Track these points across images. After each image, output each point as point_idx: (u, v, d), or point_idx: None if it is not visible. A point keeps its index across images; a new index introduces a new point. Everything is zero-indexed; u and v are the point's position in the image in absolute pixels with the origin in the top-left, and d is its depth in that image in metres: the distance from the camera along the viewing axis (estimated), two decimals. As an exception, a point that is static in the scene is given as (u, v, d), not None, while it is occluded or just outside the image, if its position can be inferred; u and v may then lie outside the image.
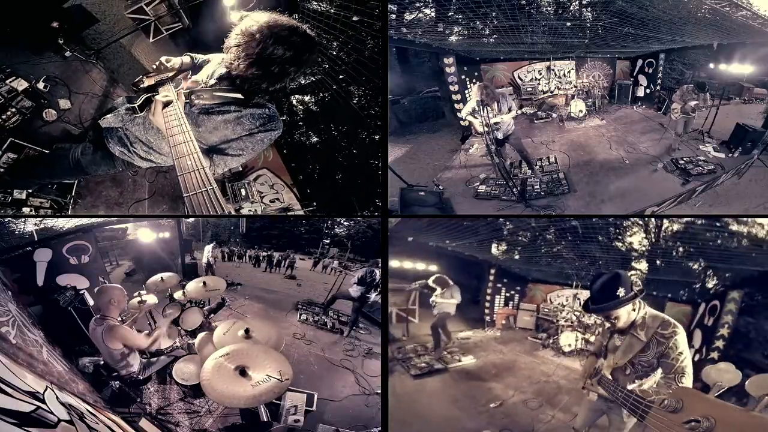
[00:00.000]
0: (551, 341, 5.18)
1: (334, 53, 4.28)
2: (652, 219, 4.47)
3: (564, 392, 3.91)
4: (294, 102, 4.57)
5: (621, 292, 1.97)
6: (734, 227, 4.00)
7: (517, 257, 5.76)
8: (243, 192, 3.96)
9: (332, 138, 4.46)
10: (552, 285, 6.05)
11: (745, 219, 3.90)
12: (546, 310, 5.74)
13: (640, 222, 4.69)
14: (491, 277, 6.28)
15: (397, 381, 4.09)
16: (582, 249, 4.98)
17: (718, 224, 4.02)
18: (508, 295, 6.29)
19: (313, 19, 4.11)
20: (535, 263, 5.80)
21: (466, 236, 5.15)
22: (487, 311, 6.27)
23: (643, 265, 4.98)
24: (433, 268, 5.57)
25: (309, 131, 4.57)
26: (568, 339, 4.97)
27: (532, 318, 5.85)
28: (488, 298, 6.30)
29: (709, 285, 4.25)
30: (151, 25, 3.95)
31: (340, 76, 4.18)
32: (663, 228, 4.62)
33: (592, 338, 4.71)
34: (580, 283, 5.47)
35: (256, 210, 3.95)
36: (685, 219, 4.22)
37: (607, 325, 2.18)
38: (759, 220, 3.84)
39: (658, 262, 4.74)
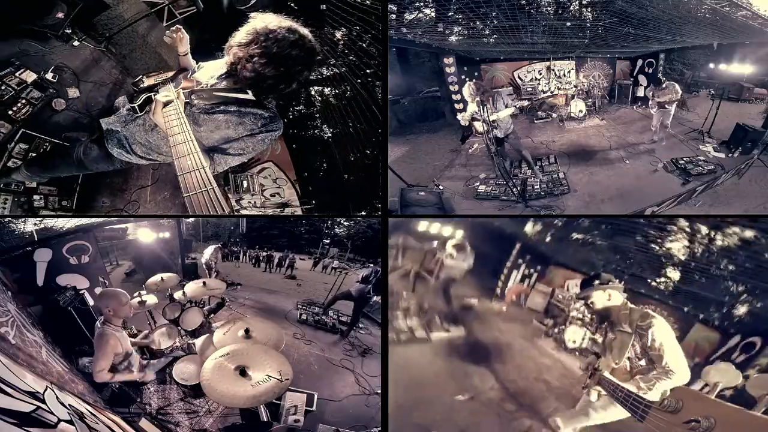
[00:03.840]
0: (556, 330, 4.78)
1: (364, 45, 4.19)
2: (702, 229, 4.16)
3: (553, 397, 3.42)
4: (313, 93, 4.48)
5: (596, 283, 2.34)
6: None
7: (548, 239, 5.55)
8: (245, 184, 3.92)
9: (347, 134, 4.35)
10: (574, 272, 5.49)
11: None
12: (561, 296, 5.23)
13: (687, 229, 4.20)
14: (514, 252, 5.88)
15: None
16: (616, 242, 4.69)
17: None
18: (526, 272, 5.85)
19: (343, 12, 4.05)
20: (564, 247, 5.48)
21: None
22: (500, 284, 5.91)
23: (675, 275, 4.37)
24: (460, 232, 5.23)
25: (324, 125, 4.45)
26: (575, 334, 4.50)
27: (544, 300, 5.37)
28: (505, 272, 5.93)
29: (751, 317, 3.60)
30: (165, 9, 3.94)
31: (368, 70, 4.07)
32: (713, 241, 3.98)
33: (600, 338, 4.52)
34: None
35: (255, 202, 3.93)
36: (740, 238, 3.70)
37: (588, 310, 2.38)
38: None
39: (696, 276, 4.11)
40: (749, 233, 3.65)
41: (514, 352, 4.30)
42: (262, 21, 2.09)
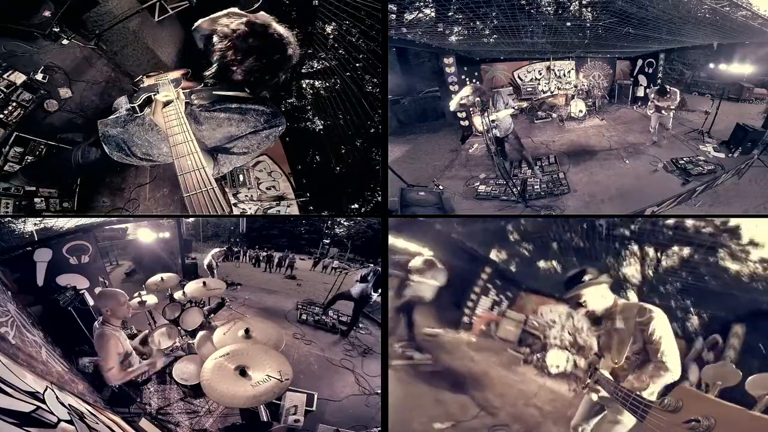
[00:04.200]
0: (535, 357, 4.58)
1: (353, 39, 4.21)
2: (649, 252, 4.34)
3: (550, 422, 3.25)
4: (304, 86, 4.52)
5: (586, 278, 2.19)
6: (729, 264, 3.92)
7: (513, 268, 5.54)
8: (241, 178, 3.94)
9: (338, 126, 4.37)
10: (546, 297, 5.40)
11: (740, 255, 3.86)
12: (535, 323, 5.05)
13: (637, 253, 4.52)
14: (484, 276, 5.61)
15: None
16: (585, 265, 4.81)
17: (711, 258, 3.94)
18: (496, 299, 5.60)
19: (332, 5, 4.07)
20: (533, 272, 5.47)
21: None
22: (467, 312, 5.53)
23: (633, 296, 4.53)
24: (428, 252, 4.93)
25: (315, 117, 4.48)
26: (558, 359, 4.34)
27: (517, 329, 5.20)
28: (473, 297, 5.56)
29: (706, 320, 3.93)
30: (156, 4, 3.90)
31: (357, 64, 4.10)
32: (659, 262, 4.39)
33: (582, 362, 4.21)
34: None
35: (251, 196, 3.94)
36: (682, 254, 4.07)
37: (582, 311, 2.26)
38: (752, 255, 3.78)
39: (651, 296, 4.45)
40: (686, 251, 4.04)
41: (494, 378, 4.10)
42: (227, 24, 2.15)
